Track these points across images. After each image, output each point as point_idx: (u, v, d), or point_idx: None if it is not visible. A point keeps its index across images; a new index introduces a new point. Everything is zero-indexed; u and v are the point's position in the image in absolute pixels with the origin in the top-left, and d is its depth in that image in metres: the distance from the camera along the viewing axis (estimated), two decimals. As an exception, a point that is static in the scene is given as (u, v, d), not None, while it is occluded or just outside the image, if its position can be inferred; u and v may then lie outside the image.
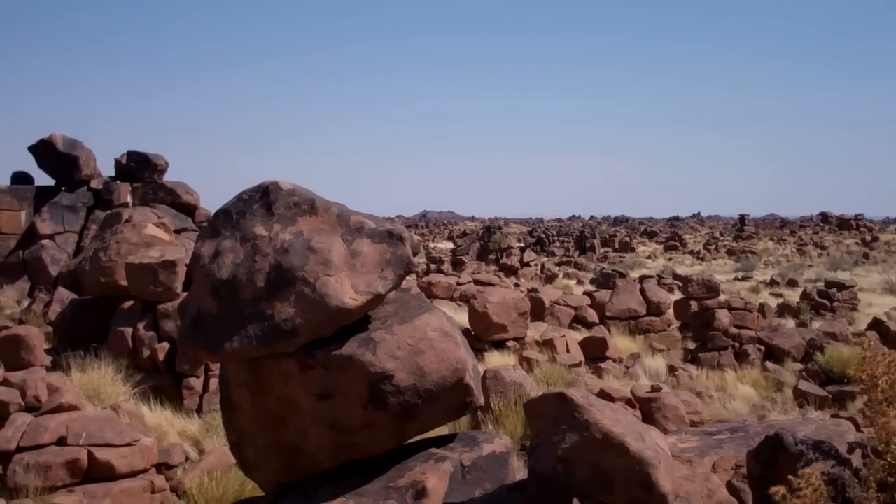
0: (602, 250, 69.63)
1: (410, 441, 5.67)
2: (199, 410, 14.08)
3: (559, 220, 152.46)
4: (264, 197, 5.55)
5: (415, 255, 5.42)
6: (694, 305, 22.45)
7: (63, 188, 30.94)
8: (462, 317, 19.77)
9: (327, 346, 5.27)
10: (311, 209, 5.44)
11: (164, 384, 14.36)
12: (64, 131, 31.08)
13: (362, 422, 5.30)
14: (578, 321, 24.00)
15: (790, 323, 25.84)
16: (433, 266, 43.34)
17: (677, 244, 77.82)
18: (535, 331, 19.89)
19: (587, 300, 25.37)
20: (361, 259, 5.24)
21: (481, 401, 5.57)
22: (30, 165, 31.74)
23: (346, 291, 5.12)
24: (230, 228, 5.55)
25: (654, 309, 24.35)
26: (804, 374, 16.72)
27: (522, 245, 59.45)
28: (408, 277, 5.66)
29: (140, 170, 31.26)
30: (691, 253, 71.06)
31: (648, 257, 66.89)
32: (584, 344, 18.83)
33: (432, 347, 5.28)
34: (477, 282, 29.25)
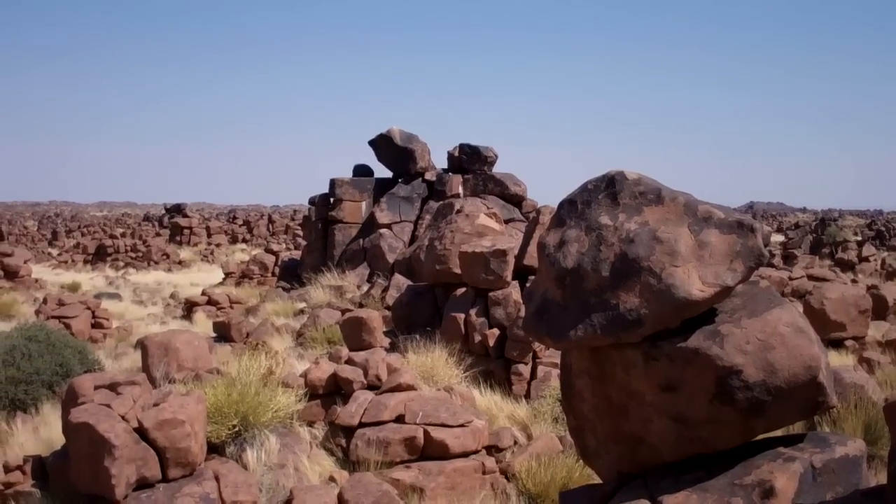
0: (952, 244, 64.03)
1: (755, 439, 5.48)
2: (527, 396, 14.34)
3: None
4: (609, 187, 5.56)
5: (766, 246, 5.21)
6: None
7: (399, 180, 32.71)
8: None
9: (672, 337, 5.20)
10: (657, 199, 5.39)
11: (493, 369, 14.76)
12: (400, 125, 32.86)
13: (707, 416, 5.18)
14: (926, 321, 22.20)
15: None
16: (762, 259, 41.64)
17: None
18: (876, 330, 18.66)
19: (936, 299, 23.41)
20: (709, 250, 5.13)
21: (835, 401, 5.28)
22: (369, 158, 33.79)
23: (693, 283, 5.03)
24: (575, 218, 5.62)
25: None
26: None
27: (860, 238, 55.99)
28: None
29: (471, 162, 32.44)
30: None
31: None
32: (933, 346, 17.42)
33: (783, 343, 5.06)
34: (811, 277, 27.84)
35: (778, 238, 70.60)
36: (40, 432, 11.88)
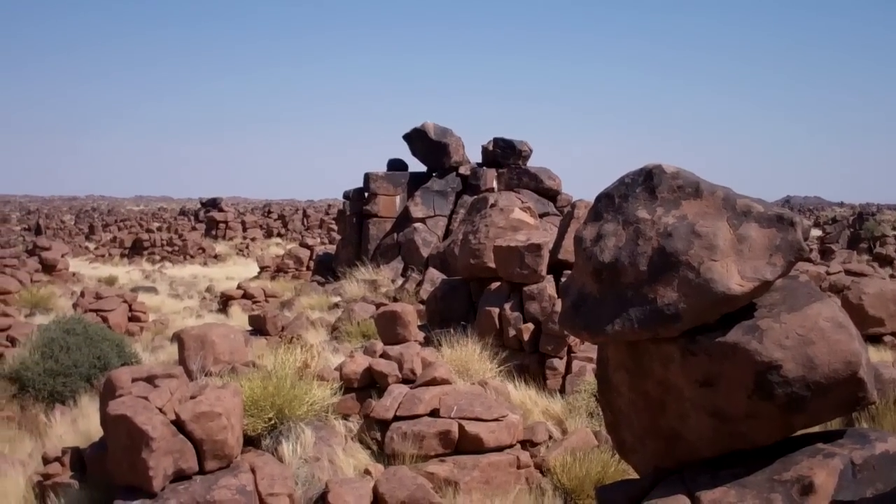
0: None
1: (794, 435, 5.43)
2: (562, 391, 14.29)
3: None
4: (647, 180, 5.53)
5: (806, 240, 5.16)
6: None
7: (434, 174, 32.69)
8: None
9: (710, 332, 5.17)
10: (695, 193, 5.35)
11: (528, 363, 14.73)
12: (434, 120, 32.83)
13: (746, 411, 5.15)
14: (966, 317, 21.87)
15: None
16: (799, 254, 41.25)
17: None
18: (914, 326, 18.46)
19: (977, 294, 23.05)
20: (748, 244, 5.09)
21: (875, 397, 5.22)
22: (404, 153, 33.82)
23: (731, 277, 5.00)
24: (612, 212, 5.60)
25: None
26: None
27: (898, 233, 55.30)
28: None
29: (505, 156, 32.37)
30: None
31: None
32: (973, 342, 17.21)
33: (824, 338, 5.01)
34: (848, 272, 27.58)
35: (815, 233, 69.89)
36: (78, 424, 12.01)
